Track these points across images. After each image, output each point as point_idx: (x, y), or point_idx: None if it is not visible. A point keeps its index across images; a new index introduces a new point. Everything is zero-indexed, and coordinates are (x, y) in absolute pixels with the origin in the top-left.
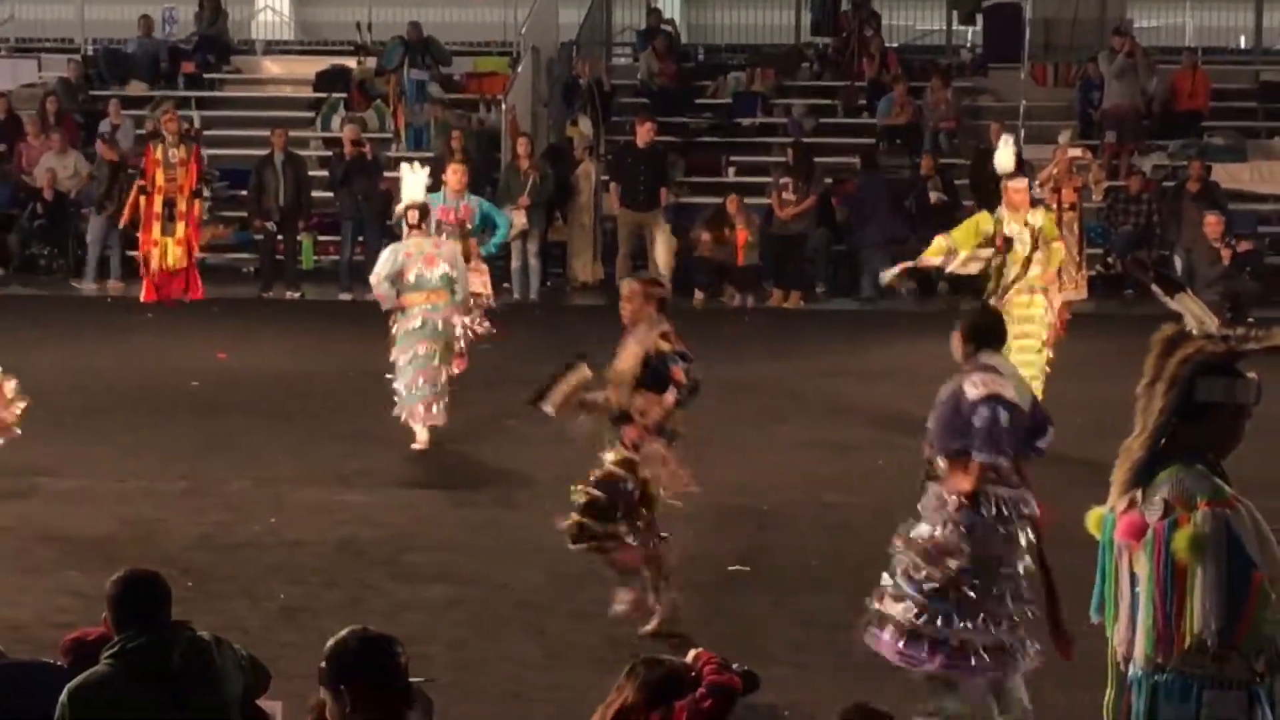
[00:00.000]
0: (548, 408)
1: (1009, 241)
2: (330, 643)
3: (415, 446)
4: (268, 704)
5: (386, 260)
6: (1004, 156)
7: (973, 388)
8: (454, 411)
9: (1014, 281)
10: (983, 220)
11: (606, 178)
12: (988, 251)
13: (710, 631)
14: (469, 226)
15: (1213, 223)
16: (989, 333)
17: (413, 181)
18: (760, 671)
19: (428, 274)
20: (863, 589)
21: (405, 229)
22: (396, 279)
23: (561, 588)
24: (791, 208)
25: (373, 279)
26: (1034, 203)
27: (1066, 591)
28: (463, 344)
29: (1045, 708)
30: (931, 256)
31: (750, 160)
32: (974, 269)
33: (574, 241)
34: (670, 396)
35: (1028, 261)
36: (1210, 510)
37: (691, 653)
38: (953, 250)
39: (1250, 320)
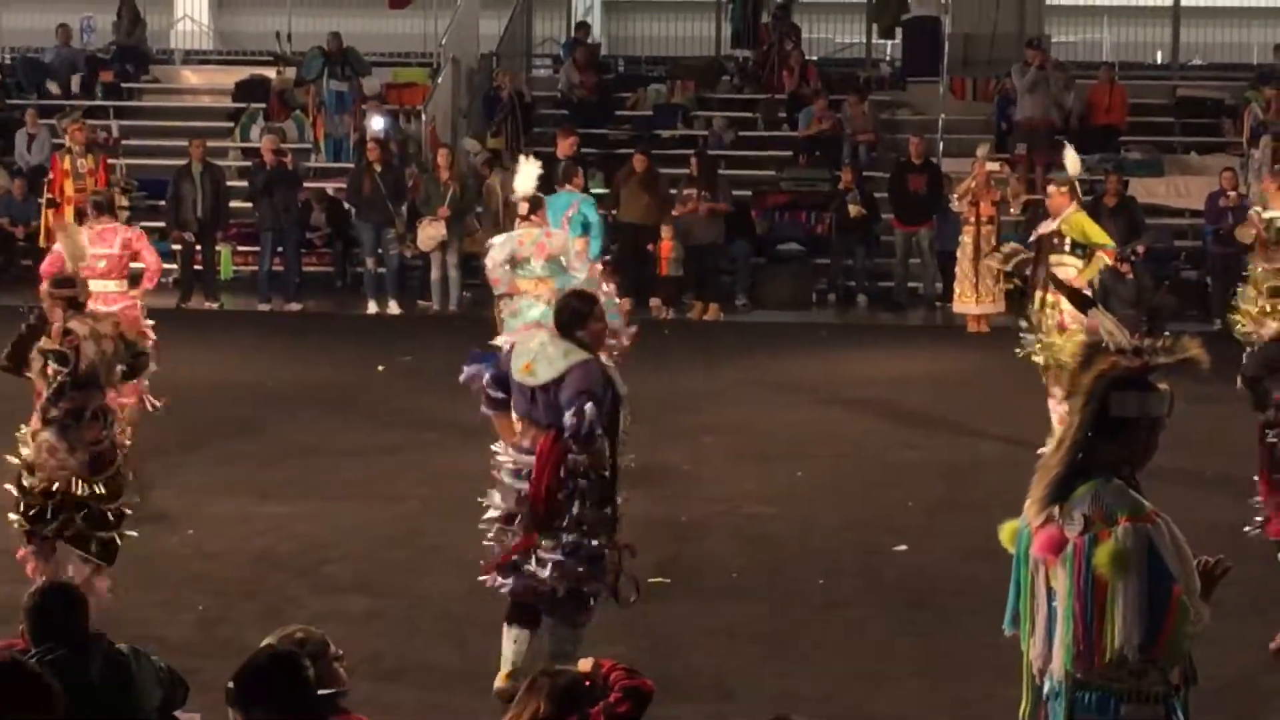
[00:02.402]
0: None
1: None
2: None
3: None
4: (186, 716)
5: (502, 246)
6: (1073, 161)
7: None
8: (373, 423)
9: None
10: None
11: None
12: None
13: (631, 644)
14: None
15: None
16: (559, 315)
17: (526, 173)
18: (682, 683)
19: (537, 262)
20: (784, 599)
21: (516, 219)
22: (510, 265)
23: (482, 599)
24: (690, 204)
25: (488, 263)
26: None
27: (991, 604)
28: None
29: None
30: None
31: (671, 172)
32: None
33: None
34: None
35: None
36: (1132, 525)
37: (586, 661)
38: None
39: (1166, 334)
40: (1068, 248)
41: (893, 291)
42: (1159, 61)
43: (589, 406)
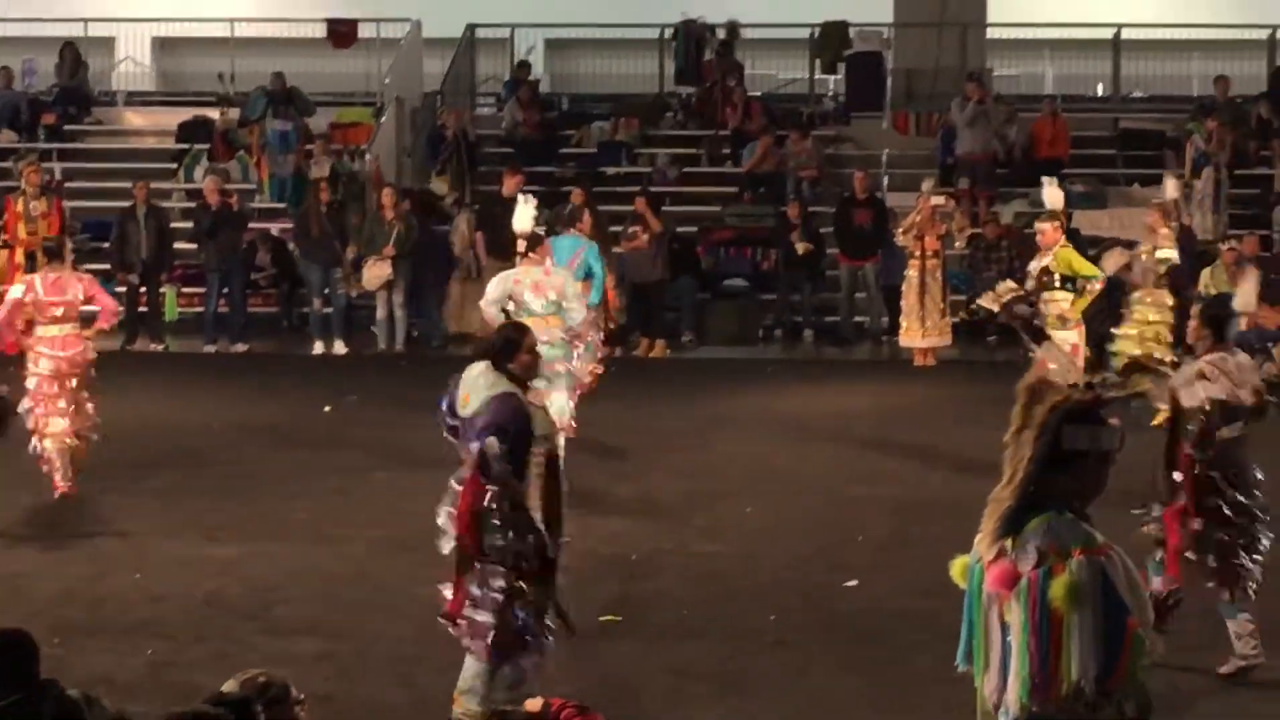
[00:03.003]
0: None
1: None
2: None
3: None
4: None
5: (496, 285)
6: (1054, 195)
7: None
8: (321, 463)
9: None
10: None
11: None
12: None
13: (582, 682)
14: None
15: None
16: (491, 350)
17: (522, 212)
18: None
19: (535, 301)
20: (733, 636)
21: (516, 257)
22: (505, 304)
23: (431, 640)
24: (635, 239)
25: (482, 303)
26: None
27: (943, 639)
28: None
29: None
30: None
31: (615, 210)
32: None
33: (453, 292)
34: None
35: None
36: (1086, 558)
37: (534, 701)
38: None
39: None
40: (1057, 283)
41: (839, 326)
42: (1101, 94)
43: (492, 440)
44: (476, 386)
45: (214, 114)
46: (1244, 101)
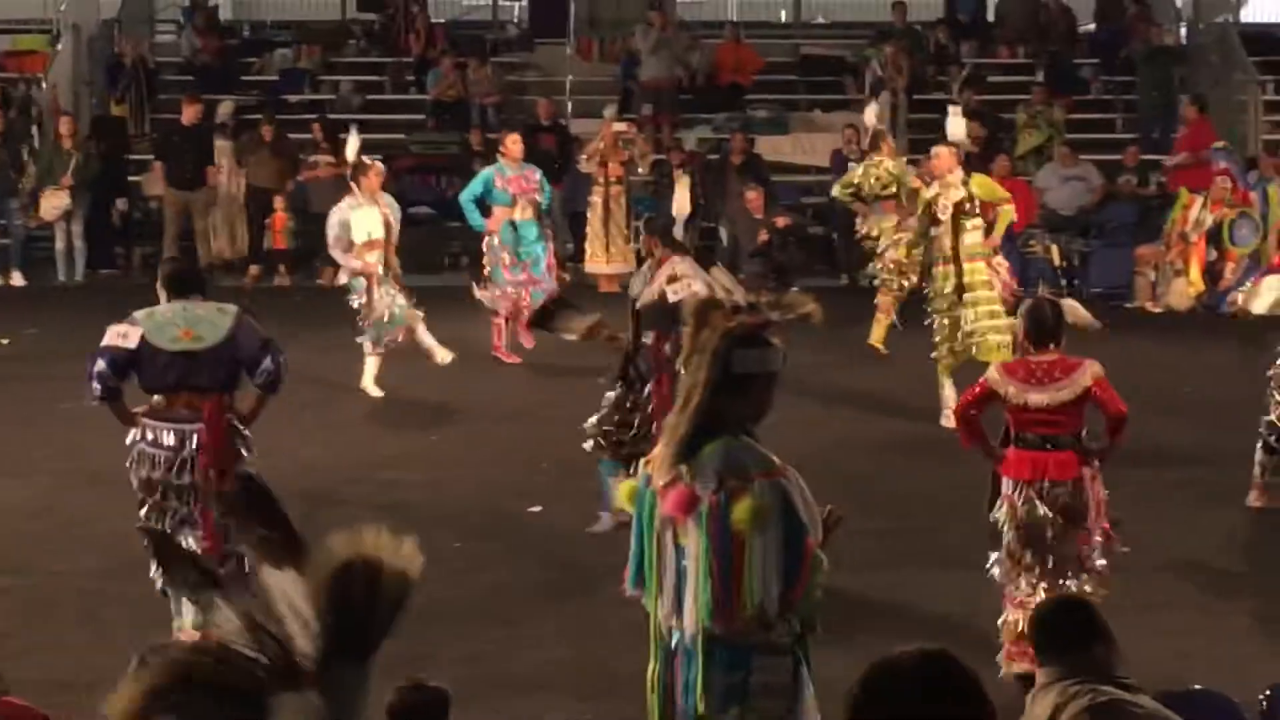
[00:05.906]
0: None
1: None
2: None
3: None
4: None
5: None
6: (956, 126)
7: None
8: (0, 395)
9: (951, 249)
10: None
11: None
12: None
13: None
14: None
15: (752, 198)
16: (179, 281)
17: (350, 141)
18: None
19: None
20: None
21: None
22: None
23: (117, 574)
24: (319, 168)
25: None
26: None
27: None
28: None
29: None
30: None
31: (298, 138)
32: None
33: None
34: None
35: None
36: (769, 481)
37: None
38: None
39: (793, 289)
40: (977, 210)
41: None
42: (783, 20)
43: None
44: (202, 319)
45: None
46: (922, 28)
